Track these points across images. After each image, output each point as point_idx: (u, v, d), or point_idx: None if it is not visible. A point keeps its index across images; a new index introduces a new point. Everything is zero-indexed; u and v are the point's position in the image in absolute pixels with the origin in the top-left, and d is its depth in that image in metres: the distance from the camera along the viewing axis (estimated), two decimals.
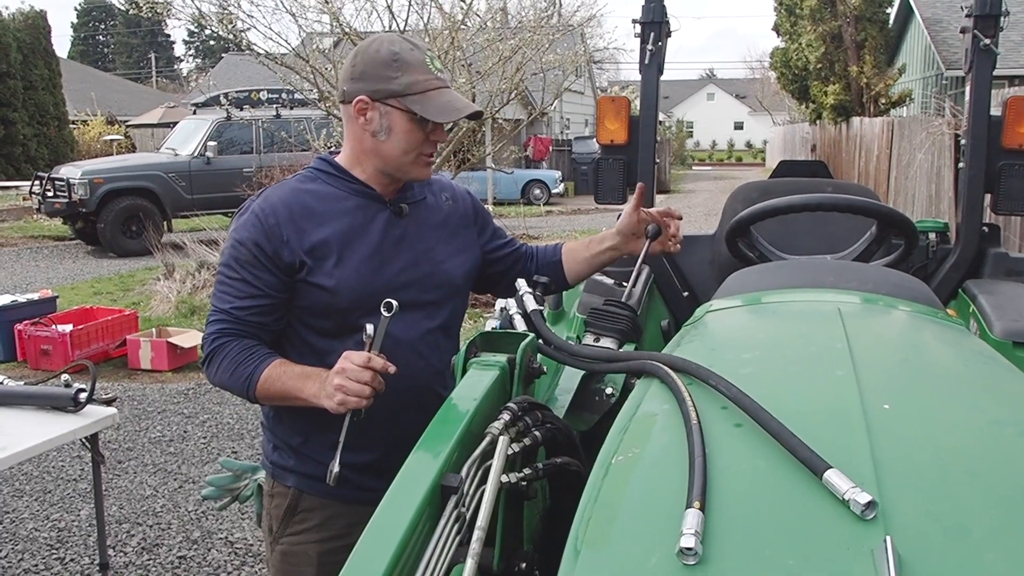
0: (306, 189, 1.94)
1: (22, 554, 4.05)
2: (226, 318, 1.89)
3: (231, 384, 1.89)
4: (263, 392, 1.85)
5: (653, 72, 3.18)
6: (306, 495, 2.03)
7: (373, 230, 1.95)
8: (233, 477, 2.73)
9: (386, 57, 1.85)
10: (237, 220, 1.94)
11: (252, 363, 1.85)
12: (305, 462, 2.01)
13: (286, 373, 1.84)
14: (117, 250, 13.43)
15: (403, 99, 1.86)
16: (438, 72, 1.89)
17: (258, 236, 1.87)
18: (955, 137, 10.00)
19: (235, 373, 1.86)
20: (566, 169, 25.84)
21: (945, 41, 20.88)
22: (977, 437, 1.25)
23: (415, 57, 1.87)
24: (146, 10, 9.85)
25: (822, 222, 2.87)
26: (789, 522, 1.07)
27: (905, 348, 1.70)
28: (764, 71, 50.05)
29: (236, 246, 1.89)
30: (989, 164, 2.97)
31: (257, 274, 1.88)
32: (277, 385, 1.84)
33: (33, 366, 7.06)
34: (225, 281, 1.90)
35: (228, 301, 1.89)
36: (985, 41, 2.90)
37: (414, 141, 1.90)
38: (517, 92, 11.08)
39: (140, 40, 71.82)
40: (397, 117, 1.87)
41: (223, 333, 1.89)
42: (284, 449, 2.05)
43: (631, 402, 1.49)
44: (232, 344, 1.87)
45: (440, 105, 1.87)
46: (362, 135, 1.91)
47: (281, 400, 1.87)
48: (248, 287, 1.88)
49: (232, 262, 1.90)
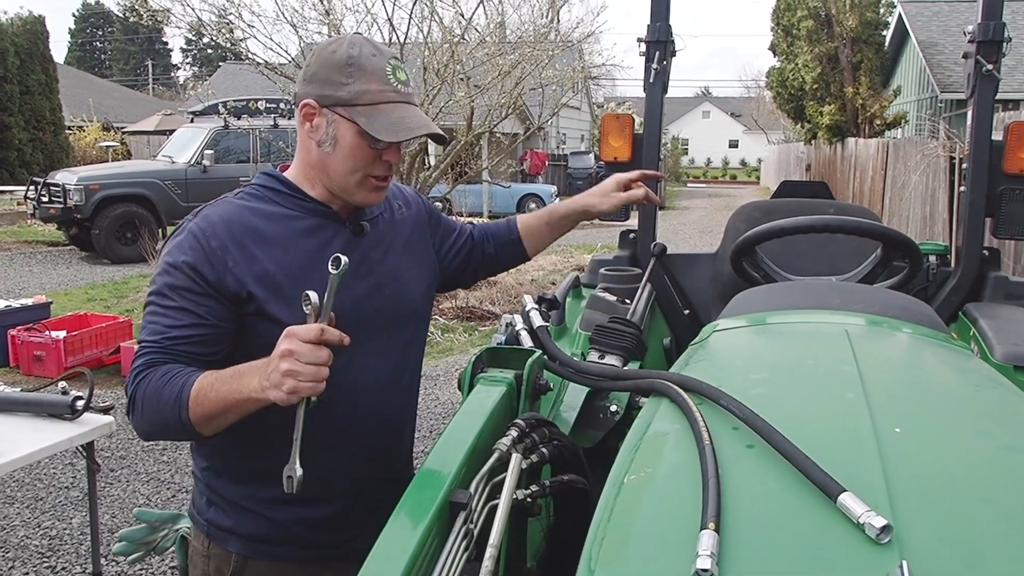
0: (252, 208, 1.68)
1: (13, 562, 4.01)
2: (154, 348, 1.57)
3: (159, 415, 1.53)
4: (197, 411, 1.50)
5: (658, 90, 3.20)
6: (252, 561, 1.73)
7: (330, 254, 1.56)
8: (148, 529, 2.44)
9: (340, 60, 1.63)
10: (171, 241, 1.65)
11: (179, 380, 1.52)
12: (249, 521, 1.73)
13: (219, 378, 1.51)
14: (111, 257, 13.39)
15: (350, 109, 1.62)
16: (398, 84, 1.66)
17: (197, 260, 1.59)
18: (950, 160, 10.07)
19: (160, 399, 1.52)
20: (562, 184, 25.95)
21: (940, 64, 21.05)
22: (989, 462, 1.25)
23: (374, 64, 1.64)
24: (146, 18, 9.86)
25: (823, 243, 2.88)
26: (804, 545, 1.07)
27: (913, 371, 1.71)
28: (759, 90, 50.35)
29: (170, 271, 1.60)
30: (990, 188, 2.99)
31: (198, 300, 1.59)
32: (211, 395, 1.50)
33: (26, 372, 7.02)
34: (157, 311, 1.59)
35: (160, 332, 1.57)
36: (988, 67, 2.93)
37: (361, 159, 1.66)
38: (515, 107, 11.11)
39: (137, 47, 71.93)
40: (344, 129, 1.64)
41: (148, 364, 1.56)
42: (222, 506, 1.75)
43: (641, 421, 1.49)
44: (154, 372, 1.55)
45: (389, 121, 1.63)
46: (309, 144, 1.69)
47: (221, 415, 1.51)
48: (186, 315, 1.58)
49: (166, 289, 1.60)
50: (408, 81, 1.69)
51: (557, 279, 11.03)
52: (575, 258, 13.29)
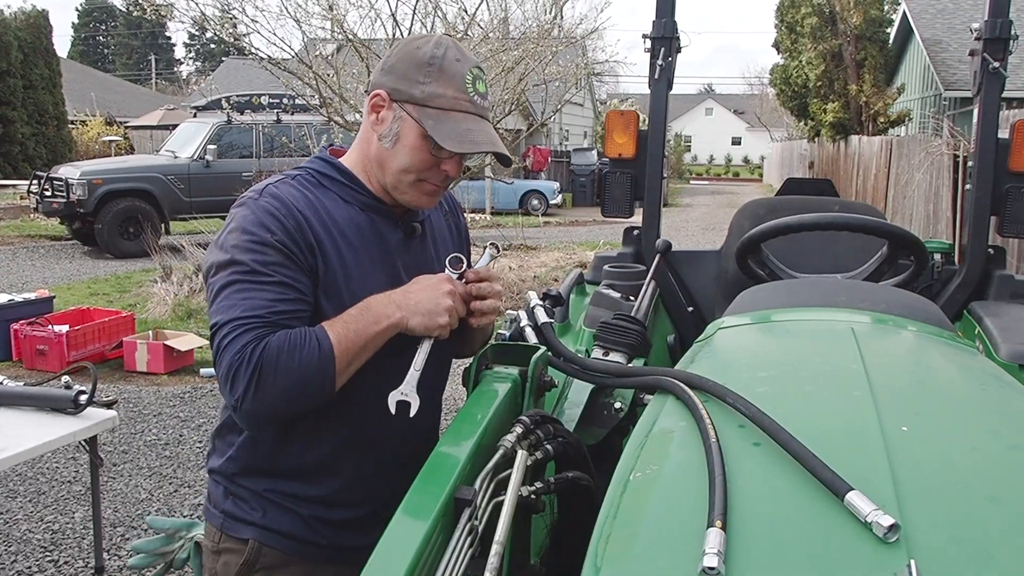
0: (310, 195, 1.62)
1: (15, 555, 4.02)
2: (259, 322, 1.47)
3: (300, 375, 1.46)
4: (342, 359, 1.49)
5: (663, 87, 3.20)
6: (267, 549, 1.66)
7: (385, 253, 1.66)
8: (165, 539, 2.33)
9: (423, 57, 1.59)
10: (241, 220, 1.56)
11: (309, 336, 1.48)
12: (270, 510, 1.67)
13: (347, 319, 1.51)
14: (114, 251, 13.41)
15: (420, 108, 1.58)
16: (475, 95, 1.61)
17: (286, 238, 1.53)
18: (954, 158, 10.05)
19: (299, 359, 1.45)
20: (564, 180, 25.90)
21: (944, 62, 20.99)
22: (997, 461, 1.25)
23: (455, 69, 1.59)
24: (149, 12, 9.85)
25: (829, 241, 2.88)
26: (811, 543, 1.07)
27: (920, 369, 1.70)
28: (763, 87, 50.28)
29: (259, 248, 1.51)
30: (996, 187, 2.98)
31: (296, 276, 1.53)
32: (351, 336, 1.49)
33: (28, 366, 7.03)
34: (251, 287, 1.49)
35: (263, 306, 1.48)
36: (994, 64, 2.92)
37: (419, 162, 1.60)
38: (518, 103, 11.10)
39: (141, 42, 71.90)
40: (409, 127, 1.59)
41: (261, 337, 1.46)
42: (243, 497, 1.69)
43: (646, 418, 1.48)
44: (273, 340, 1.46)
45: (457, 131, 1.57)
46: (370, 136, 1.65)
47: (357, 356, 1.51)
48: (289, 290, 1.51)
49: (258, 266, 1.50)
50: (487, 94, 1.65)
51: (560, 276, 11.03)
52: (578, 255, 13.28)
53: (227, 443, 1.71)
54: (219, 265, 1.53)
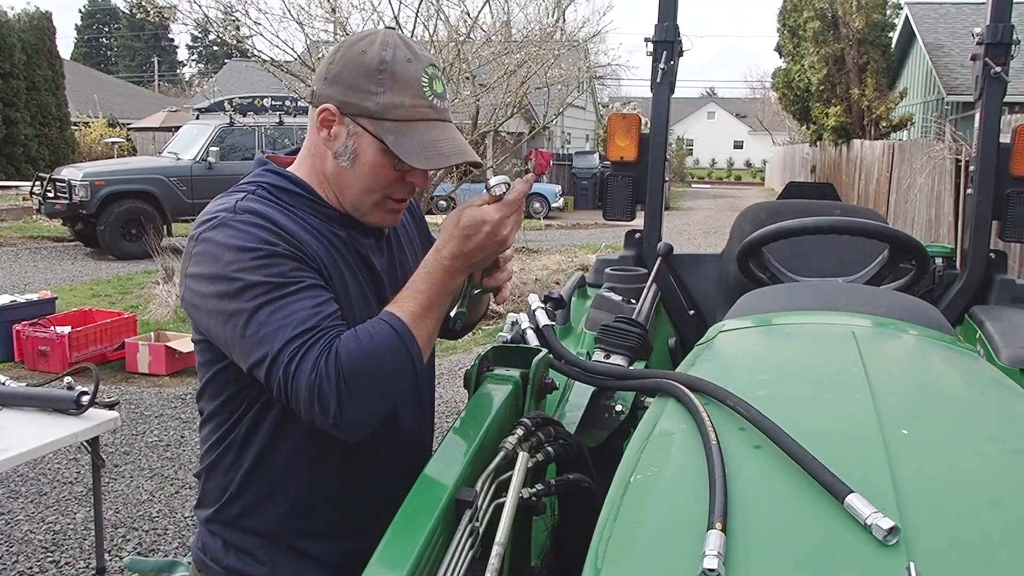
0: (279, 207, 1.47)
1: (17, 556, 4.02)
2: (317, 332, 1.33)
3: (390, 368, 1.35)
4: (421, 333, 1.38)
5: (664, 90, 3.20)
6: None
7: (354, 262, 1.52)
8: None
9: (371, 64, 1.41)
10: (230, 240, 1.38)
11: (377, 325, 1.37)
12: (287, 562, 1.52)
13: (408, 293, 1.41)
14: (116, 253, 13.41)
15: (377, 123, 1.42)
16: (434, 98, 1.44)
17: (283, 244, 1.40)
18: (956, 162, 10.05)
19: (379, 352, 1.34)
20: (566, 183, 25.91)
21: (946, 66, 21.01)
22: (997, 465, 1.25)
23: (409, 72, 1.42)
24: (152, 14, 9.88)
25: (830, 245, 2.88)
26: (811, 546, 1.07)
27: (920, 373, 1.70)
28: (765, 91, 50.29)
29: (273, 262, 1.36)
30: (997, 191, 2.99)
31: (315, 277, 1.40)
32: (421, 310, 1.38)
33: (30, 367, 7.04)
34: (287, 300, 1.34)
35: (311, 315, 1.34)
36: (996, 69, 2.93)
37: (382, 179, 1.46)
38: (520, 106, 11.12)
39: (143, 44, 72.02)
40: (367, 143, 1.43)
41: (328, 344, 1.33)
42: (250, 550, 1.53)
43: (647, 420, 1.49)
44: (341, 344, 1.34)
45: (422, 143, 1.42)
46: (323, 152, 1.48)
47: (434, 319, 1.41)
48: (323, 290, 1.40)
49: (280, 278, 1.36)
50: (445, 94, 1.48)
51: (561, 278, 11.03)
52: (579, 258, 13.28)
53: (221, 486, 1.55)
54: (230, 294, 1.35)
